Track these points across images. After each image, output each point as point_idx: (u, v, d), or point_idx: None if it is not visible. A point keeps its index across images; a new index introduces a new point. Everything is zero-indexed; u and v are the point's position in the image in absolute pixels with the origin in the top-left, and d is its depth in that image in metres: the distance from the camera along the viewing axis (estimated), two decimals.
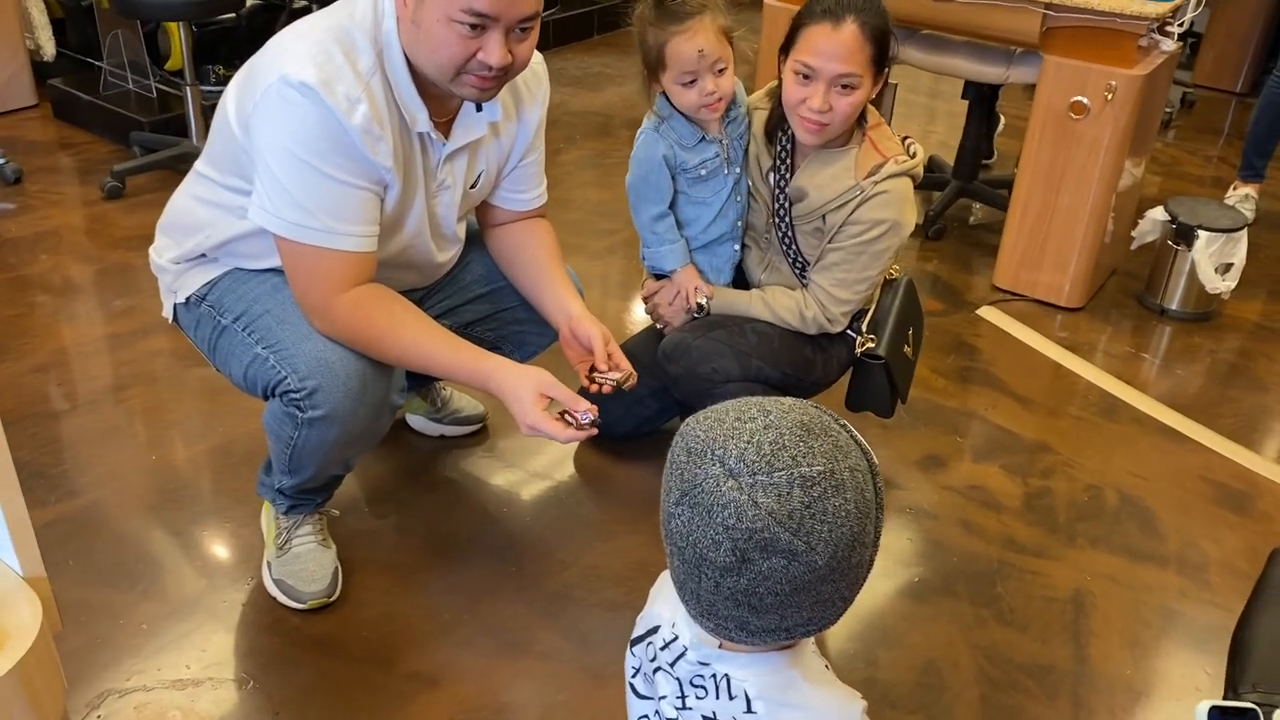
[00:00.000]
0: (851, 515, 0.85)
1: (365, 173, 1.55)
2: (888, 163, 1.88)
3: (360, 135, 1.51)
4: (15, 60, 3.74)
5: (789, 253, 2.01)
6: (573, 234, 3.12)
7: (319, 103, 1.48)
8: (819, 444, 0.86)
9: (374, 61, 1.53)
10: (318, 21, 1.56)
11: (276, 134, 1.50)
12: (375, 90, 1.53)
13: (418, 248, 1.76)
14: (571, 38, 4.81)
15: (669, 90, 1.89)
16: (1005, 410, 2.53)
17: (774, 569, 0.84)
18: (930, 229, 3.31)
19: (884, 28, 1.81)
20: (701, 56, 1.83)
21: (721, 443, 0.85)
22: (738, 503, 0.83)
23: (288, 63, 1.49)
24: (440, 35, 1.47)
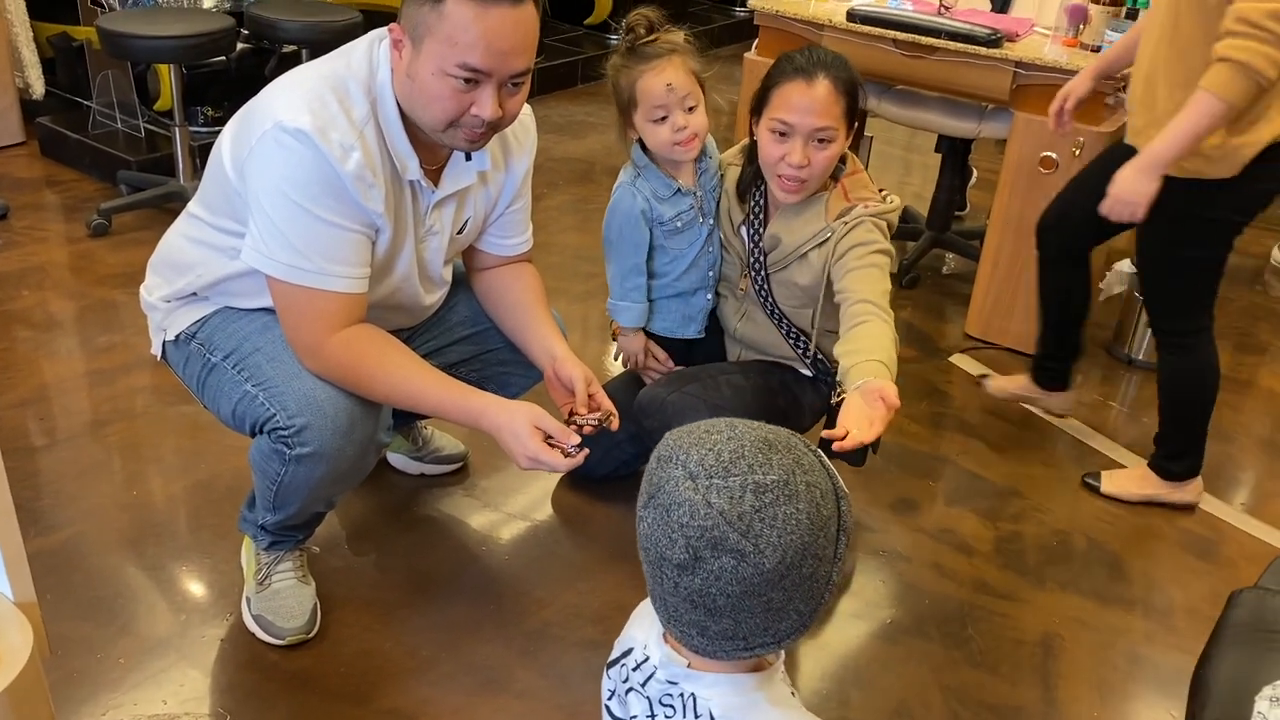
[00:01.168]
0: (803, 525, 0.89)
1: (357, 216, 1.59)
2: (856, 206, 1.94)
3: (353, 181, 1.55)
4: (4, 98, 3.77)
5: (765, 303, 2.05)
6: (554, 277, 3.17)
7: (314, 148, 1.52)
8: (778, 457, 0.91)
9: (368, 111, 1.58)
10: (313, 70, 1.61)
11: (272, 178, 1.54)
12: (369, 138, 1.57)
13: (406, 290, 1.79)
14: (556, 86, 4.90)
15: (642, 131, 1.95)
16: (976, 456, 2.57)
17: (724, 568, 0.88)
18: (904, 278, 3.38)
19: (854, 81, 1.88)
20: (670, 90, 1.89)
21: (686, 449, 0.91)
22: (692, 502, 0.88)
23: (283, 109, 1.53)
24: (435, 89, 1.52)
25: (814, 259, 1.96)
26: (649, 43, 1.92)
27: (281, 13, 3.44)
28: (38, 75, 3.87)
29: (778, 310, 2.05)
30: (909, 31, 2.85)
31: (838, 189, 1.96)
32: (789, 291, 2.02)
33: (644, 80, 1.89)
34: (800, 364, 2.10)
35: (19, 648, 0.90)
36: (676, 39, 1.95)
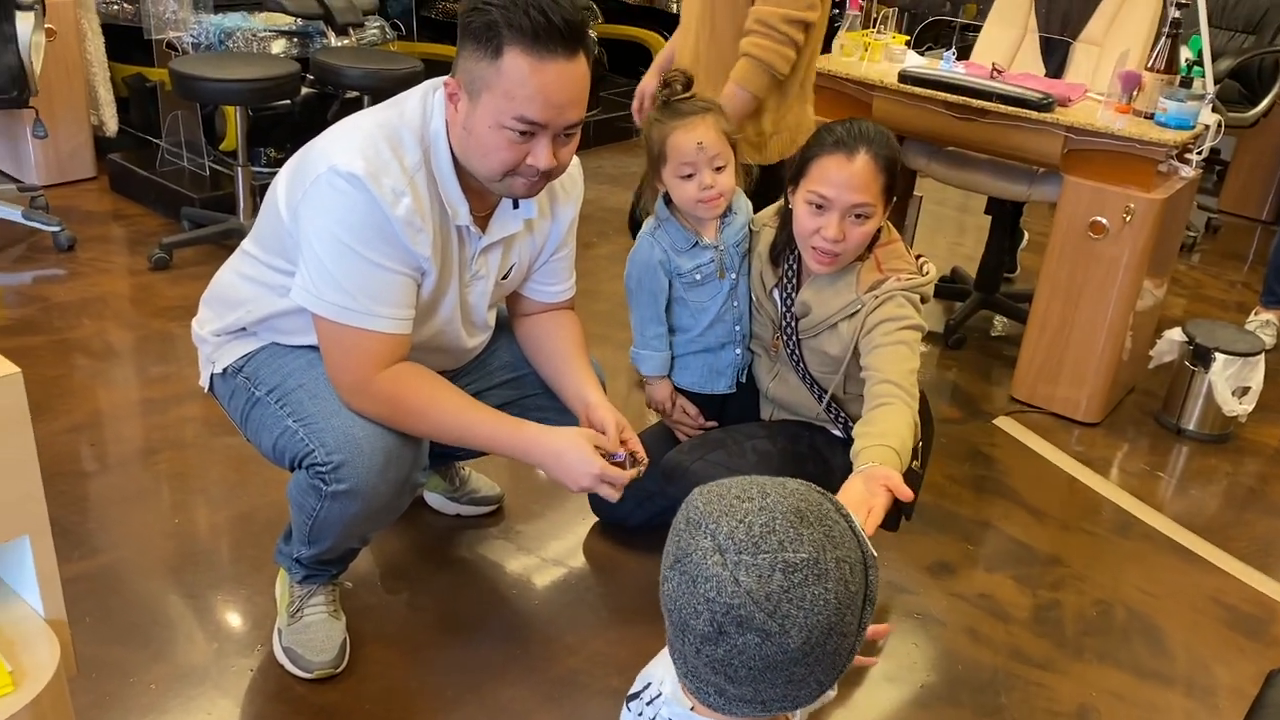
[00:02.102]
0: (830, 605, 0.89)
1: (404, 259, 1.63)
2: (888, 280, 1.92)
3: (402, 226, 1.59)
4: (80, 134, 3.92)
5: (797, 366, 2.05)
6: (600, 325, 3.19)
7: (365, 192, 1.56)
8: (810, 532, 0.90)
9: (419, 158, 1.62)
10: (367, 118, 1.66)
11: (324, 220, 1.59)
12: (419, 185, 1.62)
13: (449, 333, 1.83)
14: (611, 138, 4.98)
15: (669, 185, 1.97)
16: (1018, 521, 2.54)
17: (748, 645, 0.88)
18: (950, 338, 3.36)
19: (894, 157, 1.87)
20: (700, 149, 1.91)
21: (716, 517, 0.90)
22: (719, 578, 0.87)
23: (337, 154, 1.58)
24: (492, 140, 1.56)
25: (844, 330, 1.95)
26: (685, 99, 1.95)
27: (345, 60, 3.54)
28: (112, 114, 4.02)
29: (809, 375, 2.04)
30: (960, 94, 2.86)
31: (871, 260, 1.95)
32: (819, 358, 2.01)
33: (675, 136, 1.92)
34: (833, 425, 2.09)
35: (45, 664, 0.92)
36: (708, 99, 1.98)
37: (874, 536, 0.99)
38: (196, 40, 3.72)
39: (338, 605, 1.93)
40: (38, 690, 0.89)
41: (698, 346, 2.11)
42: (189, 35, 3.71)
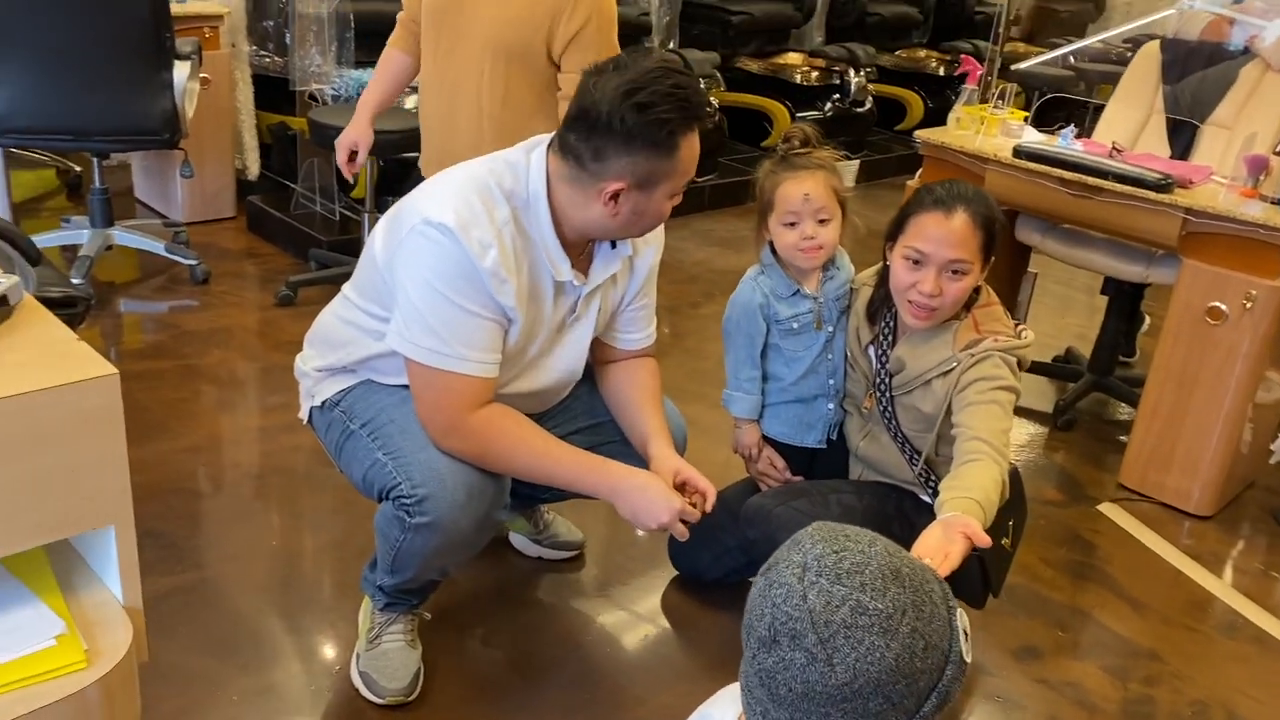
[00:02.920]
0: (886, 663, 0.89)
1: (491, 307, 1.70)
2: (986, 340, 1.91)
3: (489, 276, 1.67)
4: (224, 176, 4.18)
5: (889, 425, 2.04)
6: (699, 382, 3.22)
7: (455, 242, 1.64)
8: (898, 591, 0.91)
9: (508, 214, 1.70)
10: (461, 172, 1.74)
11: (417, 268, 1.67)
12: (505, 239, 1.69)
13: (535, 379, 1.88)
14: (726, 202, 5.04)
15: (774, 234, 2.01)
16: (1115, 611, 2.43)
17: (793, 661, 0.90)
18: (1060, 419, 3.27)
19: (992, 216, 1.88)
20: (806, 200, 1.95)
21: (816, 542, 0.95)
22: (790, 588, 0.92)
23: (431, 207, 1.67)
24: (663, 210, 1.74)
25: (937, 387, 1.94)
26: (801, 154, 1.99)
27: None
28: (255, 159, 4.28)
29: (901, 433, 2.03)
30: (1076, 171, 2.82)
31: (968, 319, 1.95)
32: (912, 416, 2.00)
33: (784, 186, 1.97)
34: (921, 490, 2.06)
35: (118, 646, 0.98)
36: (826, 156, 2.02)
37: None
38: (336, 92, 3.94)
39: (415, 635, 1.98)
40: (108, 669, 0.96)
41: (790, 396, 2.11)
42: (330, 88, 3.93)
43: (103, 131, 3.34)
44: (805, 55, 5.76)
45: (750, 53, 5.67)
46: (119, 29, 3.20)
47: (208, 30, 3.85)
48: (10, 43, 3.13)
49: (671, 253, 3.11)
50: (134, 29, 3.20)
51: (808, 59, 5.72)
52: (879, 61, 6.03)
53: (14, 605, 1.04)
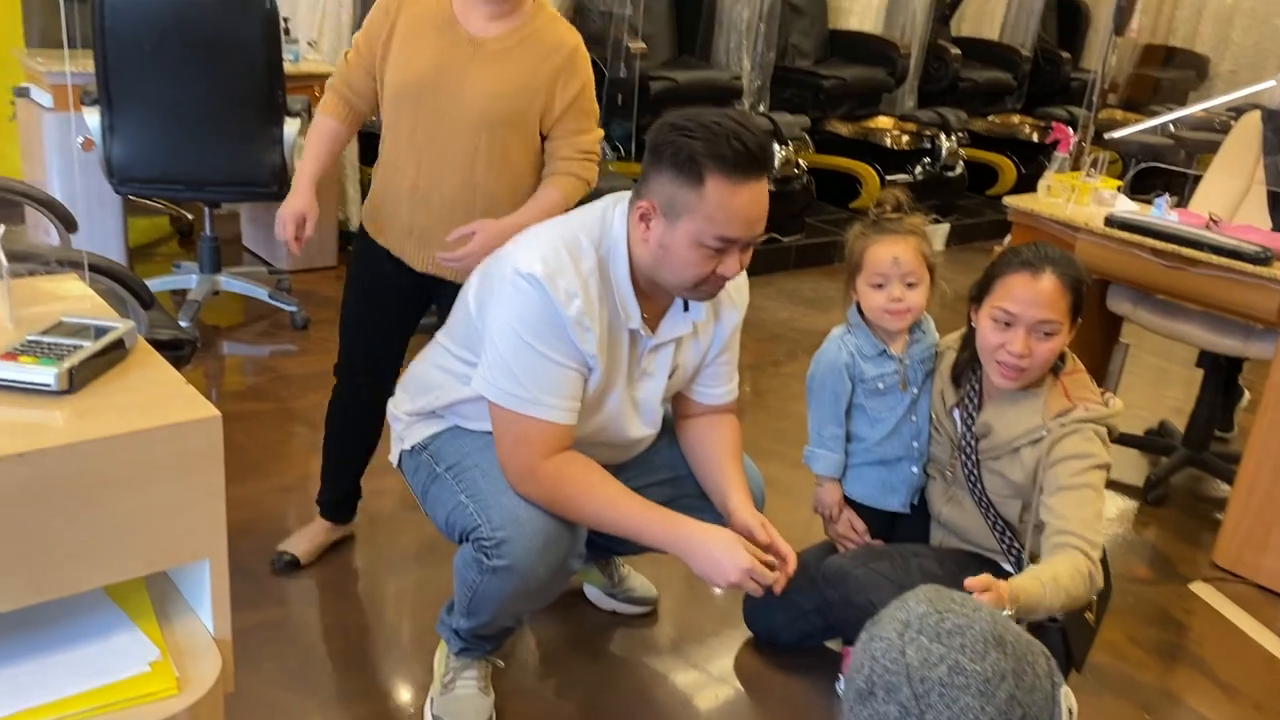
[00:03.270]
0: None
1: (573, 355, 1.75)
2: (1076, 408, 1.90)
3: (572, 325, 1.72)
4: (326, 227, 4.34)
5: (974, 490, 2.02)
6: (778, 441, 3.22)
7: (542, 292, 1.71)
8: (997, 655, 0.92)
9: (594, 264, 1.76)
10: (554, 225, 1.81)
11: (505, 315, 1.74)
12: (591, 288, 1.75)
13: (614, 428, 1.92)
14: (812, 262, 5.06)
15: (861, 295, 2.03)
16: (1204, 695, 2.35)
17: (887, 715, 0.92)
18: (1151, 494, 3.18)
19: (1080, 279, 1.89)
20: (895, 263, 1.97)
21: (921, 601, 0.96)
22: (890, 642, 0.93)
23: (522, 258, 1.74)
24: (689, 256, 1.70)
25: (1026, 456, 1.93)
26: (892, 219, 2.02)
27: None
28: (357, 210, 4.44)
29: (985, 499, 2.01)
30: (1170, 242, 2.78)
31: (1058, 387, 1.94)
32: (999, 482, 1.98)
33: (874, 248, 2.00)
34: (1004, 559, 2.04)
35: (208, 676, 1.03)
36: (918, 222, 2.05)
37: None
38: None
39: (488, 682, 2.01)
40: (197, 698, 1.01)
41: (873, 457, 2.11)
42: None
43: (216, 183, 3.52)
44: (896, 119, 5.78)
45: (841, 116, 5.71)
46: (235, 87, 3.38)
47: (317, 89, 4.03)
48: (135, 99, 3.33)
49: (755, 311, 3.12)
50: (249, 87, 3.38)
51: (898, 123, 5.73)
52: (971, 126, 6.02)
53: (113, 631, 1.10)
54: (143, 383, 1.11)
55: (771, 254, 4.85)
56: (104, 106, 3.32)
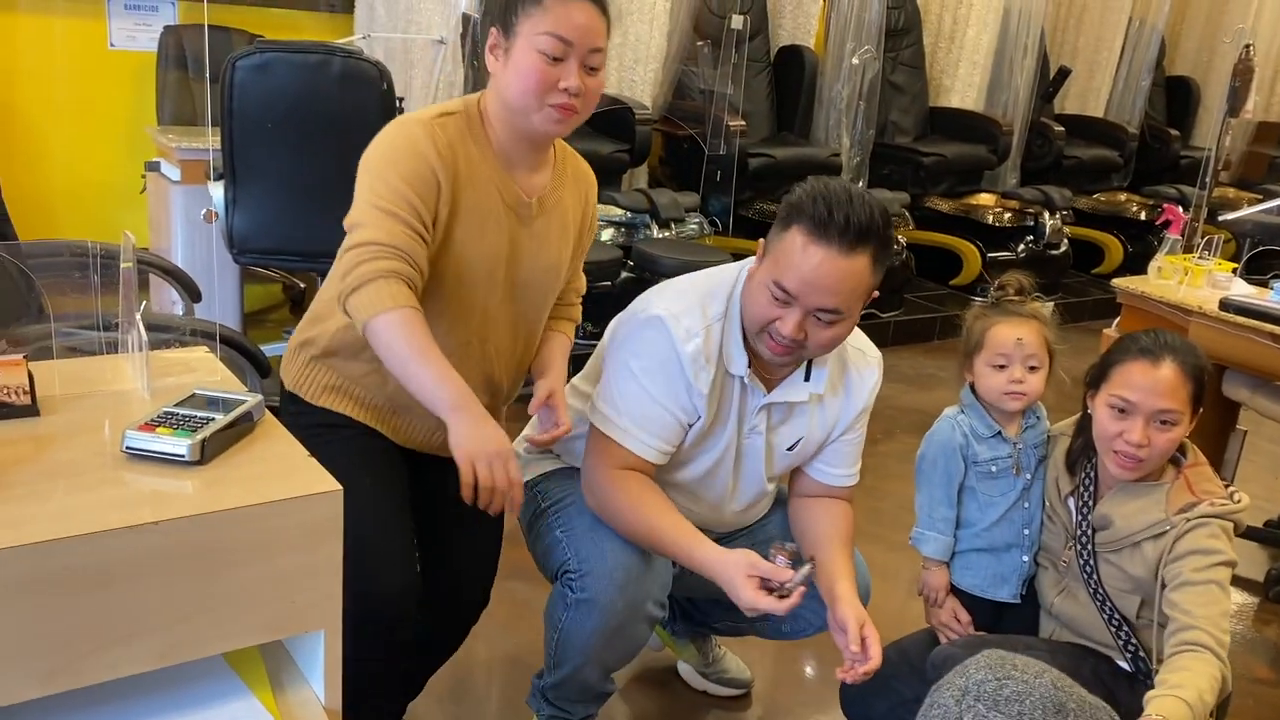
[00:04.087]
0: None
1: (679, 400, 1.79)
2: (1202, 503, 1.83)
3: (688, 361, 1.77)
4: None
5: (1089, 581, 1.96)
6: (876, 523, 3.16)
7: (664, 330, 1.77)
8: None
9: (721, 312, 1.81)
10: (698, 276, 1.88)
11: (624, 350, 1.81)
12: (713, 333, 1.79)
13: (715, 484, 1.93)
14: (912, 339, 5.01)
15: (978, 375, 1.99)
16: None
17: None
18: (1272, 590, 3.04)
19: (1201, 367, 1.83)
20: (1019, 345, 1.94)
21: (981, 669, 0.96)
22: (948, 709, 0.94)
23: (656, 301, 1.82)
24: (759, 294, 1.73)
25: (1148, 551, 1.86)
26: (1014, 301, 1.99)
27: (663, 250, 3.86)
28: None
29: (1101, 590, 1.94)
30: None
31: (1180, 480, 1.87)
32: (1116, 575, 1.91)
33: (997, 328, 1.97)
34: (1120, 655, 1.95)
35: None
36: (1041, 308, 2.00)
37: None
38: None
39: None
40: None
41: (981, 543, 2.05)
42: None
43: (328, 253, 3.62)
44: (998, 196, 5.73)
45: (941, 193, 5.69)
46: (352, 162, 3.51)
47: None
48: (258, 173, 3.49)
49: None
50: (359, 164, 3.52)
51: (1000, 200, 5.68)
52: (1075, 204, 5.93)
53: (230, 698, 1.13)
54: (268, 455, 1.16)
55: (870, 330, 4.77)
56: (228, 180, 3.49)
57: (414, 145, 1.64)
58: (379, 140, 1.69)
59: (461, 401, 1.53)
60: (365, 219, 1.63)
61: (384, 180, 1.63)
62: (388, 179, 1.63)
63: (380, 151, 1.67)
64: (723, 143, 4.82)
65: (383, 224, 1.61)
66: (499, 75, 1.67)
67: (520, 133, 1.70)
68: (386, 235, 1.59)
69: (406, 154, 1.64)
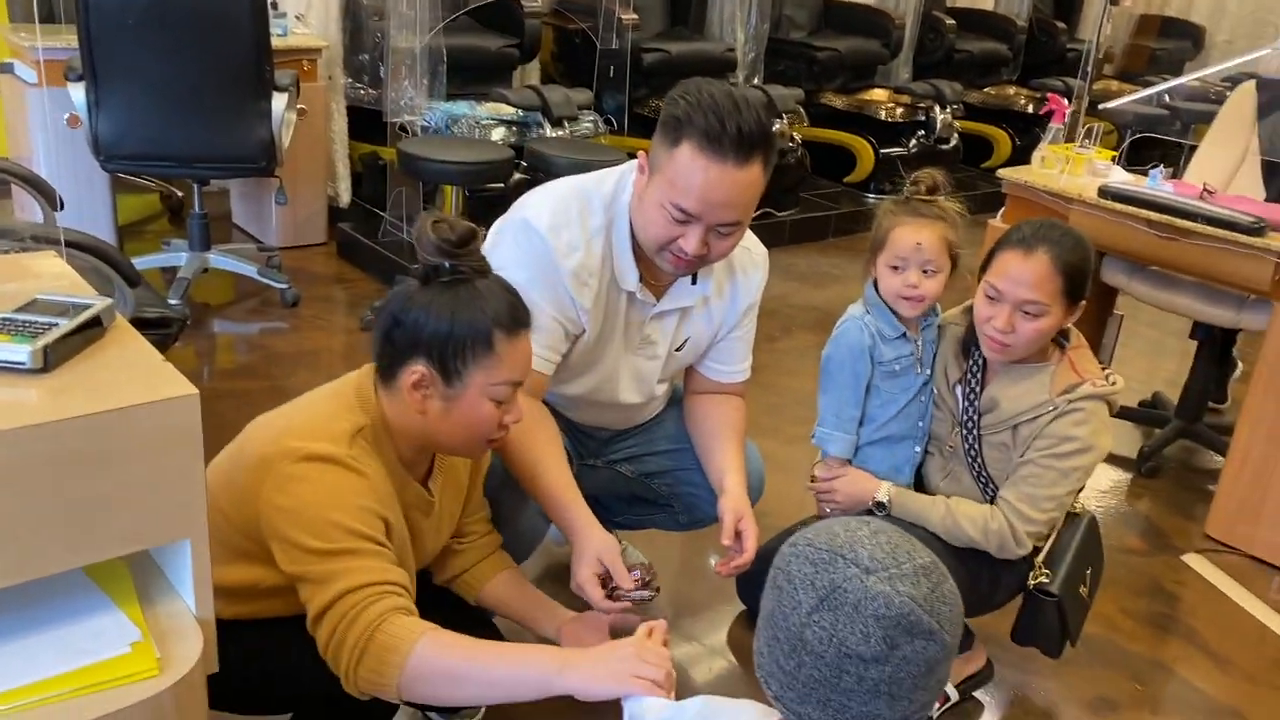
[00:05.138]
0: (958, 595, 0.98)
1: (563, 308, 1.76)
2: (1084, 383, 1.89)
3: (569, 277, 1.74)
4: (316, 203, 4.31)
5: (974, 465, 2.01)
6: (771, 417, 3.21)
7: (544, 243, 1.73)
8: (910, 541, 1.01)
9: (602, 224, 1.77)
10: (570, 181, 1.83)
11: (505, 256, 1.74)
12: (595, 247, 1.76)
13: (605, 390, 1.92)
14: (807, 237, 5.03)
15: (879, 274, 2.00)
16: (1196, 666, 2.35)
17: (916, 651, 0.96)
18: (1144, 466, 3.18)
19: (1077, 264, 1.85)
20: (917, 249, 1.93)
21: (849, 546, 0.98)
22: (885, 594, 0.95)
23: (531, 208, 1.77)
24: (654, 216, 1.68)
25: (1024, 432, 1.93)
26: (925, 201, 1.97)
27: (556, 150, 3.78)
28: (346, 187, 4.41)
29: (985, 473, 2.00)
30: (1164, 213, 2.76)
31: (1065, 362, 1.93)
32: (1000, 455, 1.98)
33: (899, 230, 1.96)
34: None
35: (189, 655, 1.03)
36: (949, 208, 1.98)
37: (1033, 662, 1.05)
38: (427, 124, 4.04)
39: None
40: (178, 678, 1.00)
41: (877, 437, 2.09)
42: (421, 120, 4.04)
43: (204, 159, 3.48)
44: (891, 91, 5.74)
45: (835, 89, 5.67)
46: (222, 62, 3.34)
47: (306, 63, 3.99)
48: (120, 74, 3.29)
49: None
50: (236, 62, 3.34)
51: (893, 95, 5.70)
52: (966, 98, 5.98)
53: (94, 613, 1.09)
54: (120, 361, 1.10)
55: (766, 229, 4.82)
56: (89, 82, 3.28)
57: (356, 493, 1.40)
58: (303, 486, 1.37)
59: (560, 660, 1.35)
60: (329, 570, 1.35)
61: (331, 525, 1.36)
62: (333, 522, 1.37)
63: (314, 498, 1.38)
64: (615, 37, 4.71)
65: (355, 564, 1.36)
66: (435, 419, 1.46)
67: (430, 450, 1.58)
68: (367, 575, 1.35)
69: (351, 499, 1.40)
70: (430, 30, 4.04)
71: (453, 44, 4.17)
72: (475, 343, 1.40)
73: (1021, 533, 1.90)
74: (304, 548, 1.32)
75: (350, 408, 1.46)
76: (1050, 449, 1.88)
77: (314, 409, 1.48)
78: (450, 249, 1.42)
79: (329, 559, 1.32)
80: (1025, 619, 2.03)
